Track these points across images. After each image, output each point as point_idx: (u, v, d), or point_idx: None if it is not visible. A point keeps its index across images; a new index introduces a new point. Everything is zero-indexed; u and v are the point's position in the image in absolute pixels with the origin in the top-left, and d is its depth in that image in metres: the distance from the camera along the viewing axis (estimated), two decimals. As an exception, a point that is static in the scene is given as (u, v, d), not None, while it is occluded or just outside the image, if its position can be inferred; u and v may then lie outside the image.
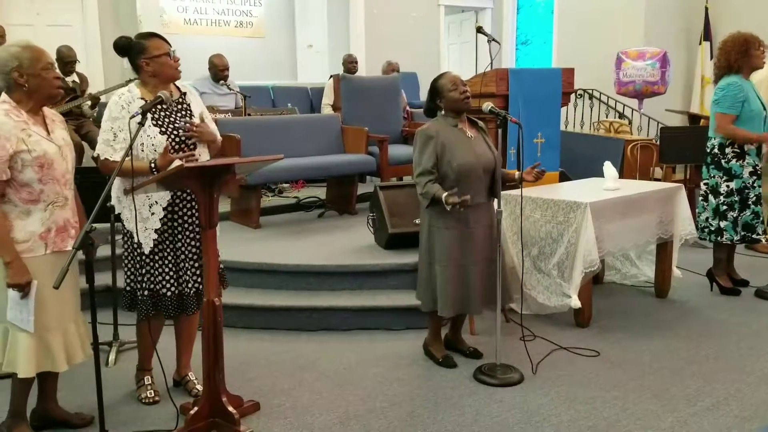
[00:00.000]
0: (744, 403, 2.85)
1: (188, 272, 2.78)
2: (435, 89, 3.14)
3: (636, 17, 8.12)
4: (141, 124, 2.56)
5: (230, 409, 2.59)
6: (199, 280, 2.79)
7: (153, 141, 2.68)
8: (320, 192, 5.75)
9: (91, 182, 3.23)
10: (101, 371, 2.40)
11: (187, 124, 2.75)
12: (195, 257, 2.78)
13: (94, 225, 2.19)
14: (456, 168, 3.00)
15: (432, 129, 3.08)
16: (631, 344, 3.49)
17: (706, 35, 8.20)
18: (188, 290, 2.78)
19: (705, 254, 4.71)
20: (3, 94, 2.43)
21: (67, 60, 5.60)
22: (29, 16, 6.64)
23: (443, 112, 3.13)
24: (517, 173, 3.25)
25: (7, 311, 2.39)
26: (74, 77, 5.72)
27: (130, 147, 2.45)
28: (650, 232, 3.99)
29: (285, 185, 6.08)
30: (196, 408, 2.63)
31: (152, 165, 2.64)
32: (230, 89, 6.11)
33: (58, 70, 2.55)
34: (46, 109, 2.55)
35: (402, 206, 4.08)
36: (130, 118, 2.61)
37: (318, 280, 3.95)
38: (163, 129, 2.71)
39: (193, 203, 2.77)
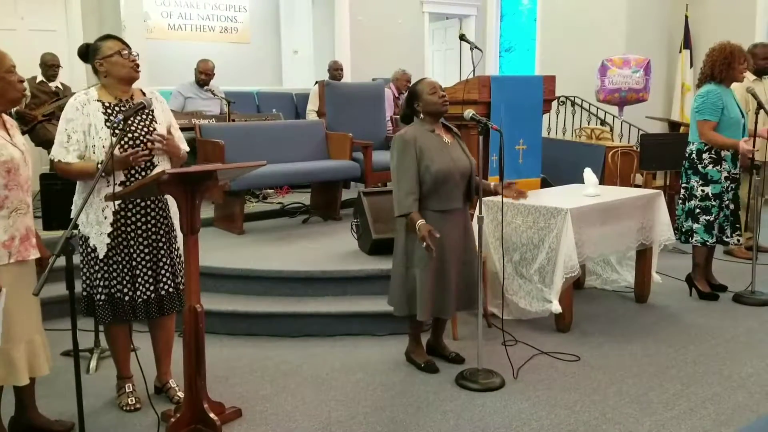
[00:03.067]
0: (721, 406, 2.89)
1: (142, 277, 2.75)
2: (413, 93, 3.17)
3: (618, 25, 8.23)
4: (122, 130, 2.56)
5: (212, 415, 2.59)
6: (153, 286, 2.77)
7: (104, 143, 2.65)
8: (305, 198, 5.76)
9: (56, 189, 3.24)
10: (82, 378, 2.39)
11: (157, 136, 2.71)
12: (149, 263, 2.76)
13: (75, 230, 2.18)
14: (434, 173, 3.03)
15: (409, 134, 3.10)
16: (611, 349, 3.53)
17: (686, 43, 8.33)
18: (144, 296, 2.76)
19: (684, 260, 4.77)
20: None
21: (49, 64, 5.59)
22: (13, 21, 6.59)
23: (421, 116, 3.16)
24: (493, 184, 3.28)
25: None
26: (57, 83, 5.70)
27: (111, 152, 2.45)
28: (631, 238, 4.04)
29: (269, 191, 6.08)
30: (177, 415, 2.63)
31: (98, 165, 2.60)
32: (214, 94, 6.12)
33: (19, 74, 2.47)
34: (4, 116, 2.50)
35: (386, 212, 4.09)
36: (114, 126, 2.60)
37: (302, 286, 3.96)
38: (113, 132, 2.67)
39: (148, 209, 2.75)
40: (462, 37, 4.24)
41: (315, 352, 3.53)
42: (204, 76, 6.12)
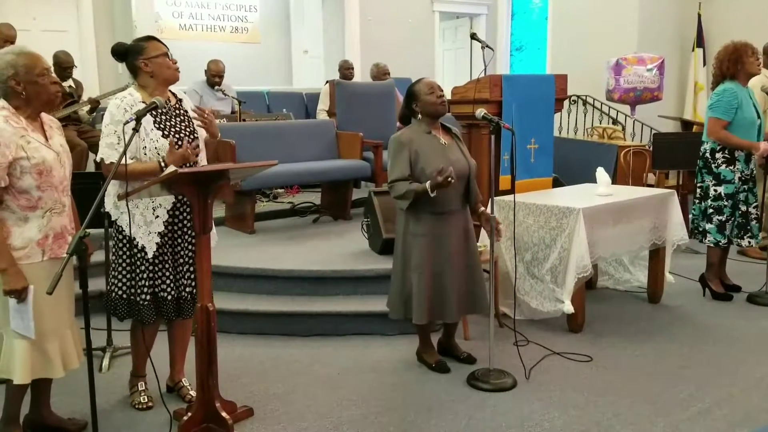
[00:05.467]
0: (736, 407, 2.87)
1: (185, 276, 2.79)
2: (411, 93, 3.15)
3: (630, 24, 8.17)
4: (135, 129, 2.57)
5: (224, 414, 2.60)
6: (194, 284, 2.80)
7: (156, 144, 2.68)
8: (315, 197, 5.76)
9: (88, 187, 3.24)
10: (95, 377, 2.40)
11: (202, 112, 2.79)
12: (191, 261, 2.79)
13: (88, 230, 2.19)
14: (429, 175, 3.01)
15: (405, 136, 3.09)
16: (624, 349, 3.50)
17: (699, 42, 8.25)
18: (185, 294, 2.79)
19: (697, 260, 4.74)
20: (1, 100, 2.42)
21: (64, 65, 5.61)
22: (25, 21, 6.64)
23: (419, 116, 3.14)
24: (481, 209, 3.23)
25: (10, 320, 2.38)
26: (70, 82, 5.72)
27: (124, 153, 2.46)
28: (643, 238, 4.01)
29: (280, 190, 6.09)
30: (189, 414, 2.64)
31: (162, 163, 2.64)
32: (225, 94, 6.14)
33: (54, 75, 2.53)
34: (44, 115, 2.54)
35: (396, 212, 4.08)
36: (124, 124, 2.62)
37: (312, 286, 3.96)
38: (166, 132, 2.71)
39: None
40: (473, 36, 4.22)
41: (326, 352, 3.53)
42: (217, 78, 6.14)
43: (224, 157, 4.71)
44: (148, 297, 2.73)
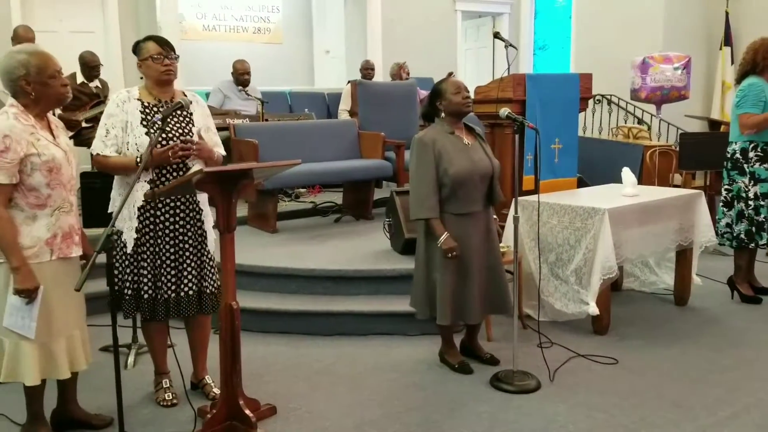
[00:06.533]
0: (765, 412, 2.80)
1: (166, 276, 2.77)
2: (437, 92, 3.13)
3: (655, 22, 8.06)
4: (161, 129, 2.60)
5: (247, 412, 2.61)
6: (175, 286, 2.78)
7: (137, 141, 2.70)
8: (337, 197, 5.77)
9: (96, 187, 3.30)
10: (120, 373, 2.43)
11: (188, 143, 2.71)
12: (173, 263, 2.78)
13: (115, 228, 2.21)
14: (452, 176, 3.00)
15: (428, 137, 3.07)
16: (650, 352, 3.45)
17: (727, 40, 8.12)
18: (165, 295, 2.77)
19: (725, 262, 4.65)
20: (11, 98, 2.44)
21: (91, 65, 5.67)
22: (53, 23, 6.75)
23: (443, 115, 3.13)
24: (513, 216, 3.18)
25: (5, 317, 2.36)
26: (97, 82, 5.80)
27: (150, 152, 2.50)
28: (669, 239, 3.94)
29: (302, 190, 6.11)
30: (213, 411, 2.65)
31: (138, 160, 2.65)
32: (248, 95, 6.17)
33: (67, 77, 2.53)
34: (50, 116, 2.56)
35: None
36: (150, 125, 2.65)
37: (334, 285, 3.96)
38: (147, 131, 2.71)
39: (177, 210, 2.77)
40: (497, 35, 4.19)
41: (348, 351, 3.53)
42: (246, 76, 6.15)
43: (247, 156, 4.75)
44: (130, 292, 2.76)
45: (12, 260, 2.33)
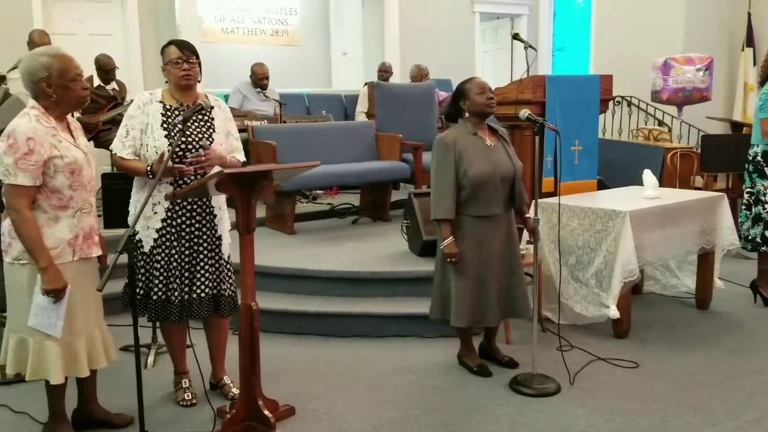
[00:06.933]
0: (790, 419, 2.76)
1: (179, 278, 2.78)
2: (461, 91, 3.12)
3: (676, 23, 7.97)
4: (181, 130, 2.61)
5: (266, 412, 2.62)
6: (189, 288, 2.78)
7: (156, 143, 2.71)
8: (354, 199, 5.77)
9: (118, 188, 3.33)
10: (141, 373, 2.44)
11: (199, 156, 2.70)
12: (186, 266, 2.78)
13: (137, 229, 2.22)
14: (471, 177, 2.98)
15: (449, 137, 3.06)
16: (671, 356, 3.41)
17: (749, 41, 8.00)
18: (179, 298, 2.77)
19: (748, 265, 4.58)
20: (31, 99, 2.45)
21: (106, 68, 5.73)
22: (73, 25, 6.83)
23: (466, 115, 3.11)
24: (526, 215, 3.18)
25: (30, 317, 2.38)
26: (114, 84, 5.86)
27: (171, 153, 2.52)
28: (691, 242, 3.89)
29: (319, 192, 6.12)
30: (232, 411, 2.66)
31: (148, 168, 2.67)
32: (266, 97, 6.20)
33: (84, 80, 2.53)
34: (69, 117, 2.58)
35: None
36: (172, 126, 2.67)
37: (352, 287, 3.96)
38: (167, 133, 2.72)
39: (193, 213, 2.78)
40: (516, 37, 4.17)
41: (365, 353, 3.53)
42: (264, 80, 6.20)
43: (265, 158, 4.77)
44: (141, 292, 2.77)
45: (40, 261, 2.34)
